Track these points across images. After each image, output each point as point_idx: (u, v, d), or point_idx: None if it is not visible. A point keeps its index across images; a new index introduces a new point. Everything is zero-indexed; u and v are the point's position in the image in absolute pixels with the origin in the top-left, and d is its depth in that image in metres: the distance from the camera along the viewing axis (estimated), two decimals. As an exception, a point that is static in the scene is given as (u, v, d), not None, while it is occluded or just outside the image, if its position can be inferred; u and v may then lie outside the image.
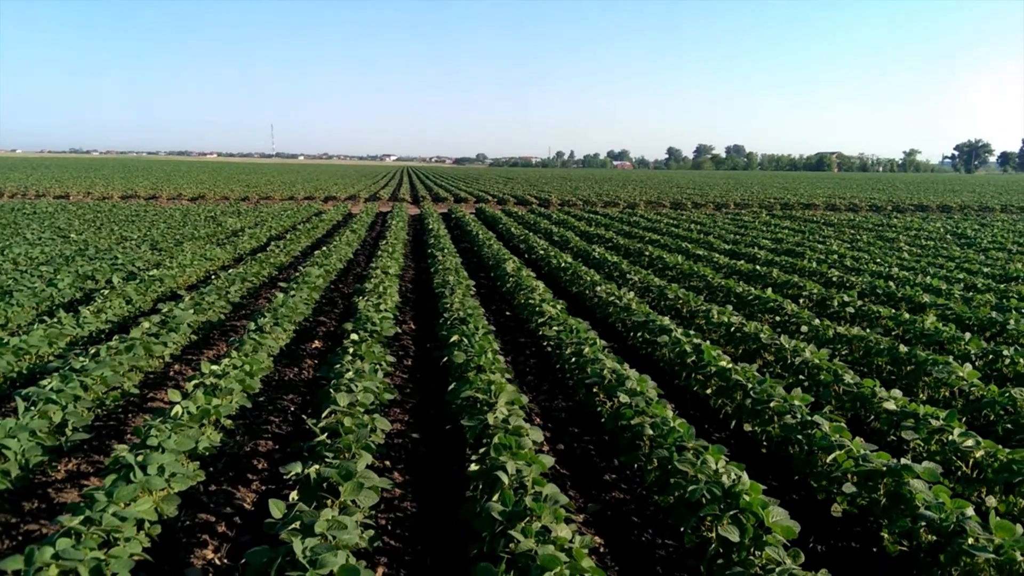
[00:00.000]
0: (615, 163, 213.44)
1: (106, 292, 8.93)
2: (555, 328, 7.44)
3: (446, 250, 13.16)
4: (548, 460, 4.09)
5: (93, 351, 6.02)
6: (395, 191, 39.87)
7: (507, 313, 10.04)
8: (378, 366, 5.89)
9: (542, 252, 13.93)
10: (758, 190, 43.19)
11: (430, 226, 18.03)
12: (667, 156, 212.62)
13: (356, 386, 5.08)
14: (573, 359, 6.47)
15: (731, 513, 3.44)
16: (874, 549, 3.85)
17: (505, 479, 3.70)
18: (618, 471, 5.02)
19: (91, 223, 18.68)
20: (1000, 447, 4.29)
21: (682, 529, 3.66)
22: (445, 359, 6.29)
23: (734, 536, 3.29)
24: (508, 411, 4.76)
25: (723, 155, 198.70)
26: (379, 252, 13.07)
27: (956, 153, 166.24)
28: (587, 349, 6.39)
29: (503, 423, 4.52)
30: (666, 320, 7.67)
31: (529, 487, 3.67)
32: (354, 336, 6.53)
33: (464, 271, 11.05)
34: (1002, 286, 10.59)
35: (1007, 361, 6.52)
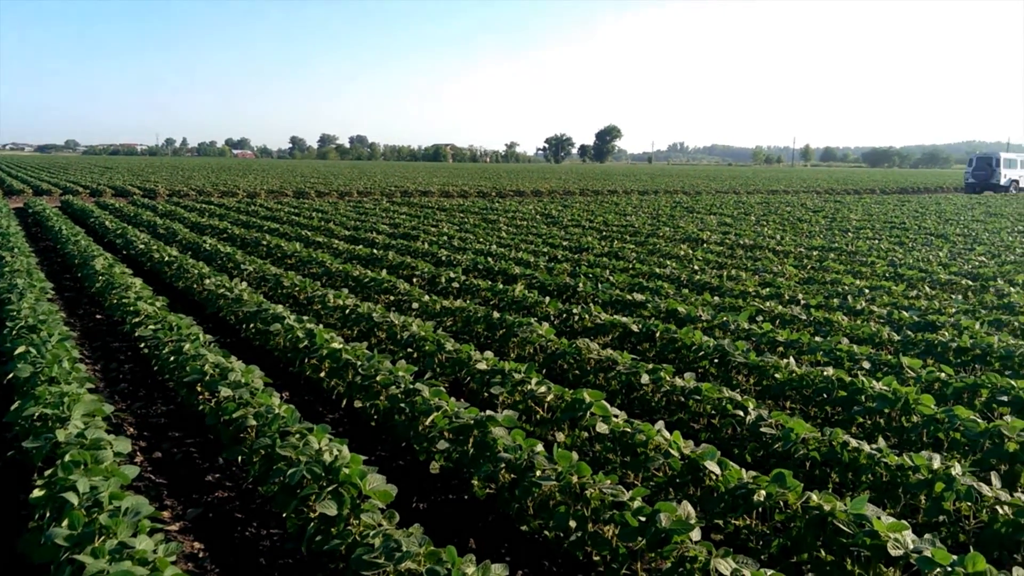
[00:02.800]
0: (235, 152, 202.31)
1: None
2: (152, 327, 6.74)
3: (16, 249, 11.12)
4: (132, 471, 3.68)
5: None
6: (-51, 183, 32.52)
7: (98, 316, 8.86)
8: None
9: (143, 247, 12.57)
10: (381, 179, 44.60)
11: (-3, 223, 15.06)
12: (291, 145, 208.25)
13: None
14: (172, 358, 5.93)
15: (331, 488, 3.45)
16: (466, 496, 4.21)
17: (75, 499, 3.23)
18: (223, 469, 4.74)
19: None
20: (567, 390, 4.99)
21: (284, 515, 3.57)
22: (11, 375, 5.29)
23: (332, 510, 3.31)
24: (85, 424, 4.17)
25: (347, 145, 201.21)
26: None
27: (547, 146, 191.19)
28: (188, 346, 5.91)
29: (78, 438, 3.95)
30: (280, 308, 7.45)
31: (106, 504, 3.25)
32: None
33: (40, 272, 9.46)
34: (576, 256, 12.44)
35: (576, 317, 7.65)
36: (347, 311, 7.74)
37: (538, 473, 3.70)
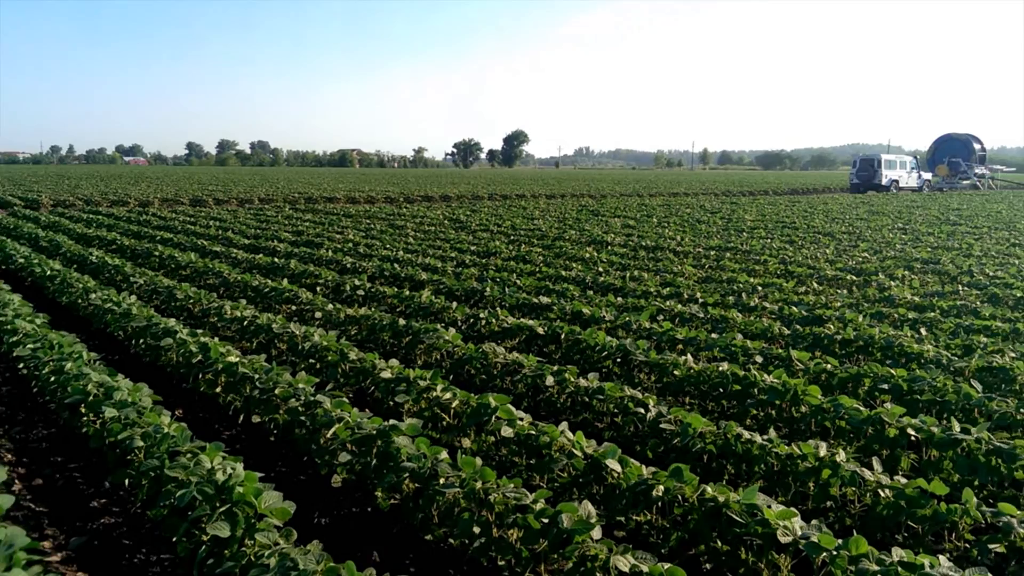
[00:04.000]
0: (127, 159, 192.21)
1: None
2: (31, 346, 6.30)
3: None
4: (7, 500, 3.39)
5: None
6: None
7: (-29, 337, 8.20)
8: None
9: (23, 261, 11.76)
10: (283, 185, 43.40)
11: None
12: (188, 152, 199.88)
13: None
14: (53, 379, 5.55)
15: (224, 509, 3.31)
16: (369, 509, 4.12)
17: (-65, 538, 2.96)
18: (109, 494, 4.48)
19: None
20: (472, 395, 4.97)
21: (174, 539, 3.40)
22: None
23: (225, 531, 3.17)
24: (-51, 454, 3.85)
25: (248, 151, 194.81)
26: None
27: (455, 151, 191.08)
28: (70, 365, 5.55)
29: (-61, 470, 3.63)
30: (172, 322, 7.11)
31: (-28, 539, 3.00)
32: None
33: (-99, 291, 8.69)
34: (484, 260, 12.46)
35: (483, 322, 7.65)
36: (245, 323, 7.47)
37: (442, 481, 3.66)
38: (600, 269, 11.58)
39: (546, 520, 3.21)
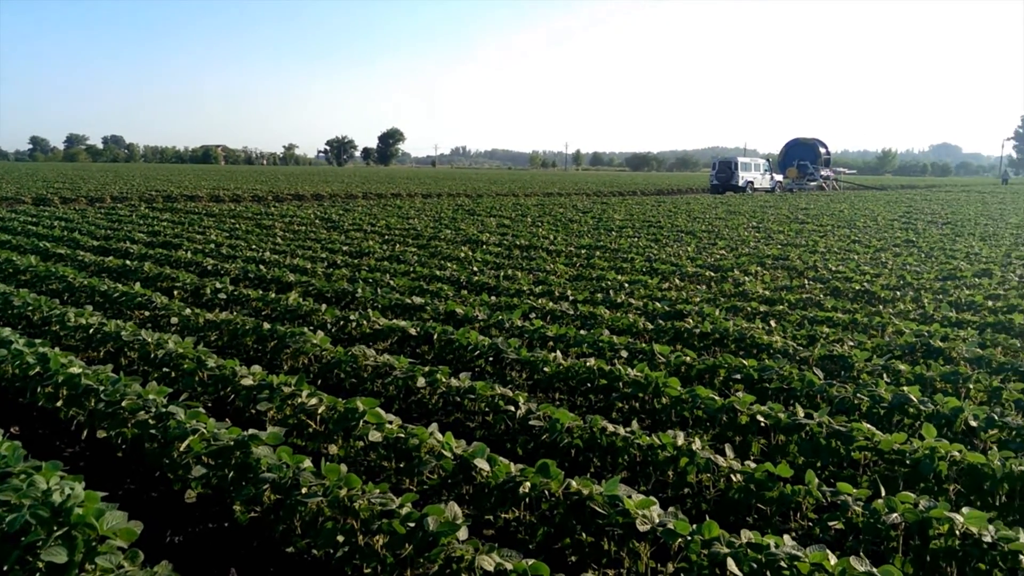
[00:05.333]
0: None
1: None
2: None
3: None
4: None
5: None
6: None
7: None
8: None
9: None
10: (140, 182, 40.71)
11: None
12: (32, 147, 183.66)
13: None
14: None
15: (60, 533, 3.04)
16: (227, 524, 3.92)
17: None
18: (-75, 526, 4.01)
19: None
20: (340, 400, 4.83)
21: (6, 568, 3.09)
22: None
23: (61, 557, 2.91)
24: None
25: (101, 146, 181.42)
26: None
27: (328, 148, 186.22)
28: None
29: None
30: (7, 331, 6.49)
31: None
32: None
33: None
34: (356, 261, 12.20)
35: (354, 324, 7.47)
36: (91, 331, 6.93)
37: (304, 490, 3.54)
38: (475, 268, 11.61)
39: (412, 524, 3.16)
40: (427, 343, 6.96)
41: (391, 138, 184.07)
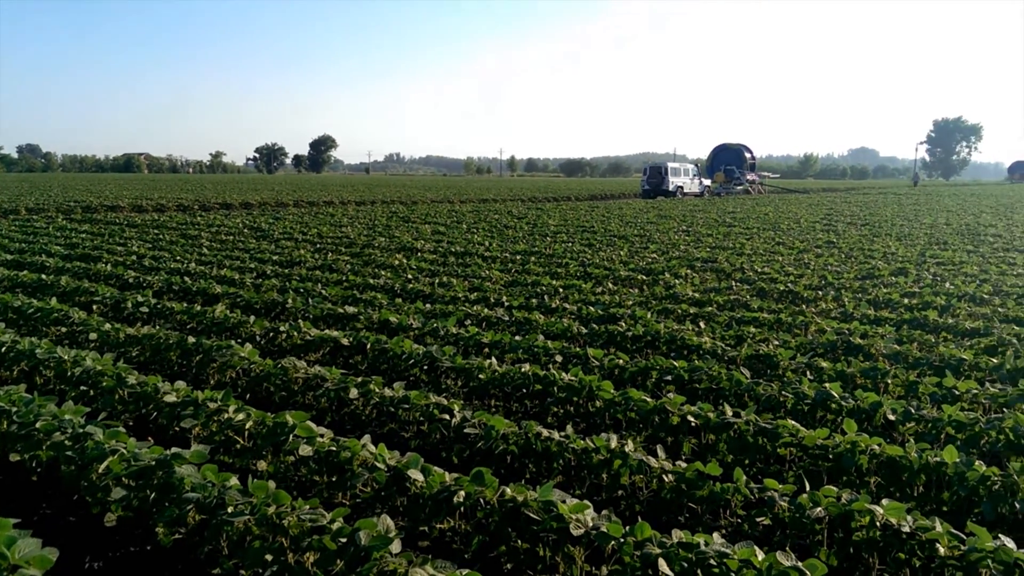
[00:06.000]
0: None
1: None
2: None
3: None
4: None
5: None
6: None
7: None
8: None
9: None
10: (57, 193, 38.96)
11: None
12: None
13: None
14: None
15: (-36, 567, 2.86)
16: (149, 547, 3.77)
17: None
18: None
19: None
20: (269, 415, 4.70)
21: (-101, 610, 2.89)
22: None
23: (-36, 594, 2.74)
24: None
25: (15, 155, 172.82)
26: None
27: (258, 155, 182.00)
28: None
29: None
30: (-93, 352, 6.11)
31: None
32: None
33: None
34: (287, 271, 11.94)
35: (284, 335, 7.30)
36: (3, 349, 6.57)
37: (230, 509, 3.42)
38: (409, 276, 11.52)
39: (344, 539, 3.09)
40: (360, 353, 6.86)
41: (323, 145, 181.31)
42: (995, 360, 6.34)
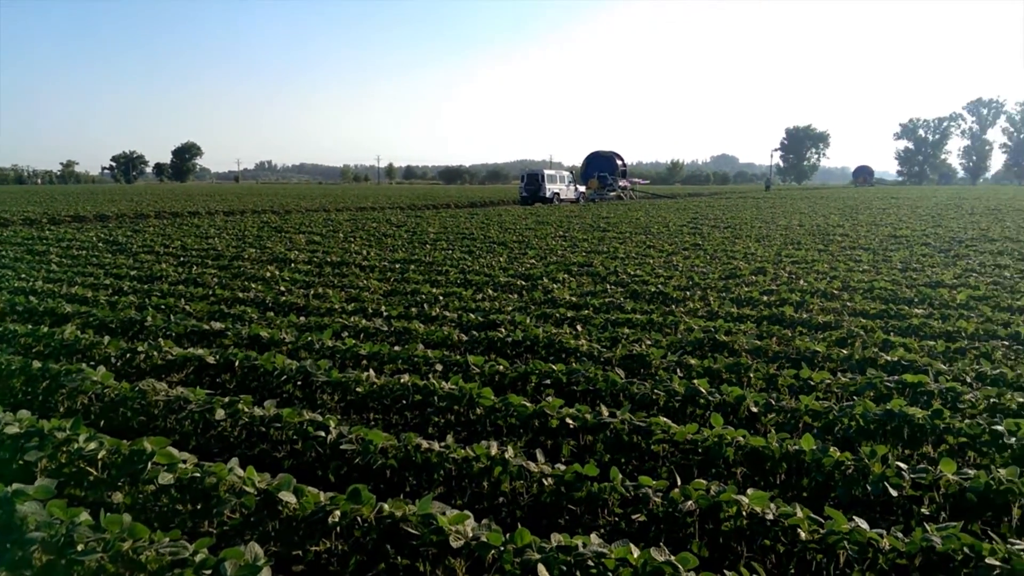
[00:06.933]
0: None
1: None
2: None
3: None
4: None
5: None
6: None
7: None
8: None
9: None
10: None
11: None
12: None
13: None
14: None
15: None
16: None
17: None
18: None
19: None
20: (124, 442, 4.37)
21: None
22: None
23: None
24: None
25: None
26: None
27: (115, 164, 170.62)
28: None
29: None
30: None
31: None
32: None
33: None
34: (147, 286, 11.21)
35: (143, 356, 6.84)
36: None
37: (81, 547, 3.14)
38: (282, 288, 11.10)
39: (208, 571, 2.90)
40: (229, 371, 6.52)
41: (187, 153, 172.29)
42: (845, 351, 6.84)
